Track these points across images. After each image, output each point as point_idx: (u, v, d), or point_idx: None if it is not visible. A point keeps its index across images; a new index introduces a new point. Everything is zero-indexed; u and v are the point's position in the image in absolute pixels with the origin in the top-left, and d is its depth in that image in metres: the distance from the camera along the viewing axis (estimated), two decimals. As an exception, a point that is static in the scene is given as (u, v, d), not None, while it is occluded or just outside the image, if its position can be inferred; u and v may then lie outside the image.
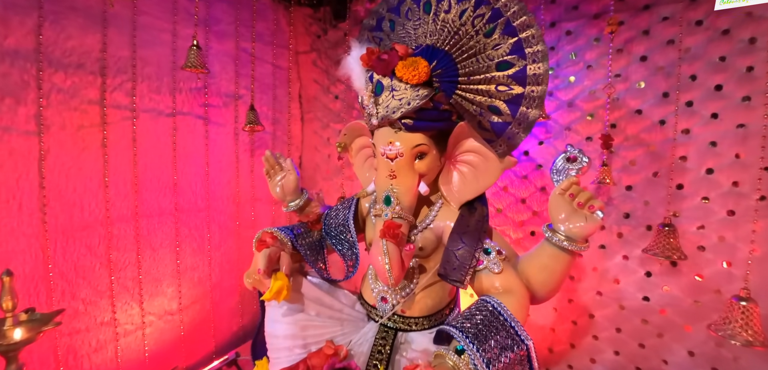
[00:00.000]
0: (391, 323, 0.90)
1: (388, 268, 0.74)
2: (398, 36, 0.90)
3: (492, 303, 0.73)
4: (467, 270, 0.79)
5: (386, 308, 0.89)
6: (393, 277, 0.75)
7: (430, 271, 0.89)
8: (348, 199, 1.04)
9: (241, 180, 2.08)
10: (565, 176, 0.77)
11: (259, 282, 0.84)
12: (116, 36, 1.49)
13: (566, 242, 0.75)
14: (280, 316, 0.89)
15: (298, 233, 0.98)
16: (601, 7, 1.63)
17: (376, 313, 0.92)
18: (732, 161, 1.48)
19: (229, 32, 1.96)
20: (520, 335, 0.70)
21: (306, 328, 0.88)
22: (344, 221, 0.98)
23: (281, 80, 2.30)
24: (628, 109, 1.62)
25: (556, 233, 0.76)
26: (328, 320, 0.91)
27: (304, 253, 0.96)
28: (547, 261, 0.79)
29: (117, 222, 1.53)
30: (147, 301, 1.65)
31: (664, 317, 1.62)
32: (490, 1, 0.81)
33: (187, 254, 1.80)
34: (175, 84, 1.70)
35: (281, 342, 0.88)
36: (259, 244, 0.88)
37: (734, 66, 1.46)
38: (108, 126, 1.47)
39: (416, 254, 0.87)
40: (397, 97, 0.79)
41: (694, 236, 1.54)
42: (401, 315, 0.89)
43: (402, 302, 0.88)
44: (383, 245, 0.75)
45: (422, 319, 0.90)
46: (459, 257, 0.79)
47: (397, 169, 0.82)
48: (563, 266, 0.78)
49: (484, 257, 0.80)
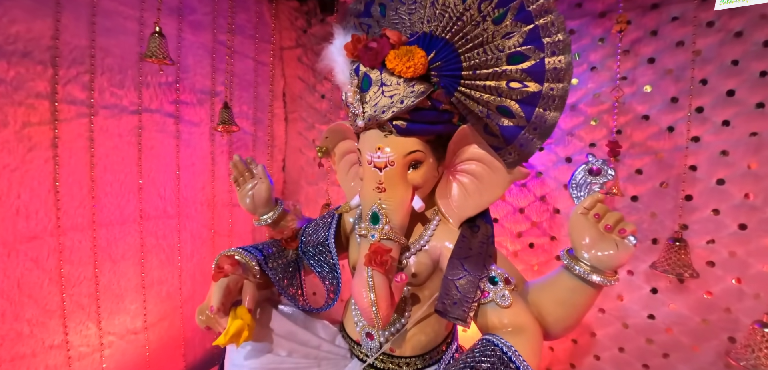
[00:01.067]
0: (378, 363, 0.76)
1: (374, 306, 0.60)
2: (390, 22, 0.75)
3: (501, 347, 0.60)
4: (471, 305, 0.66)
5: (372, 345, 0.75)
6: (380, 317, 0.61)
7: (425, 301, 0.75)
8: (328, 213, 0.89)
9: (218, 184, 1.92)
10: (587, 192, 0.65)
11: (213, 321, 0.69)
12: (71, 22, 1.31)
13: (592, 274, 0.62)
14: (243, 359, 0.74)
15: (268, 252, 0.83)
16: (607, 5, 1.53)
17: (360, 350, 0.78)
18: (744, 172, 1.39)
19: (205, 23, 1.80)
20: (529, 376, 0.57)
21: None
22: (324, 239, 0.83)
23: (263, 77, 2.14)
24: (634, 114, 1.52)
25: (578, 261, 0.63)
26: (303, 359, 0.76)
27: (275, 278, 0.81)
28: (566, 295, 0.66)
29: (70, 232, 1.35)
30: (105, 319, 1.48)
31: (670, 336, 1.52)
32: (503, -18, 0.68)
33: (153, 266, 1.63)
34: (142, 78, 1.53)
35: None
36: (216, 271, 0.73)
37: (748, 70, 1.37)
38: (59, 123, 1.30)
39: (409, 282, 0.73)
40: (387, 94, 0.65)
41: (703, 250, 1.45)
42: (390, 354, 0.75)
43: (391, 340, 0.74)
44: (368, 275, 0.61)
45: (415, 358, 0.76)
46: (461, 289, 0.66)
47: (386, 180, 0.68)
48: (586, 300, 0.65)
49: (490, 288, 0.67)
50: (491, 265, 0.69)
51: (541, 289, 0.71)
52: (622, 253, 0.61)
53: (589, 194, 0.64)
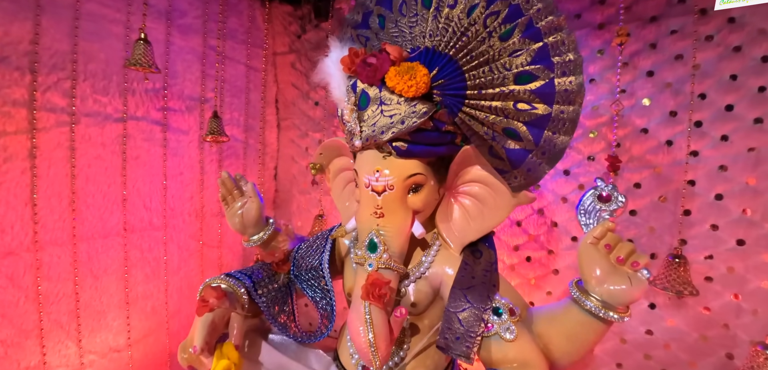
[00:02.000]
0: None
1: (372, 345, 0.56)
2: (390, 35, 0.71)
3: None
4: (474, 339, 0.62)
5: (369, 385, 0.71)
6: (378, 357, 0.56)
7: (425, 332, 0.70)
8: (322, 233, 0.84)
9: (207, 194, 1.85)
10: (597, 219, 0.61)
11: (198, 361, 0.63)
12: (52, 25, 1.25)
13: (603, 310, 0.58)
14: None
15: (257, 278, 0.78)
16: (606, 16, 1.51)
17: (353, 391, 0.73)
18: (743, 187, 1.38)
19: (195, 27, 1.74)
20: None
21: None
22: (318, 263, 0.79)
23: (255, 83, 2.09)
24: (633, 128, 1.50)
25: (588, 296, 0.60)
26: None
27: (266, 306, 0.75)
28: (575, 330, 0.62)
29: (48, 247, 1.28)
30: (86, 338, 1.41)
31: (668, 352, 1.50)
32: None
33: (138, 281, 1.56)
34: (127, 84, 1.47)
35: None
36: (200, 305, 0.68)
37: (746, 85, 1.36)
38: (38, 132, 1.23)
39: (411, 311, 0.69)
40: (387, 114, 0.61)
41: (702, 266, 1.43)
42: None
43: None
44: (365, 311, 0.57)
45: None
46: (464, 322, 0.62)
47: (385, 205, 0.64)
48: (596, 336, 0.62)
49: (494, 320, 0.63)
50: (495, 294, 0.65)
51: (549, 321, 0.67)
52: (635, 288, 0.58)
53: (599, 221, 0.61)
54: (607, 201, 0.62)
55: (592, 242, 0.61)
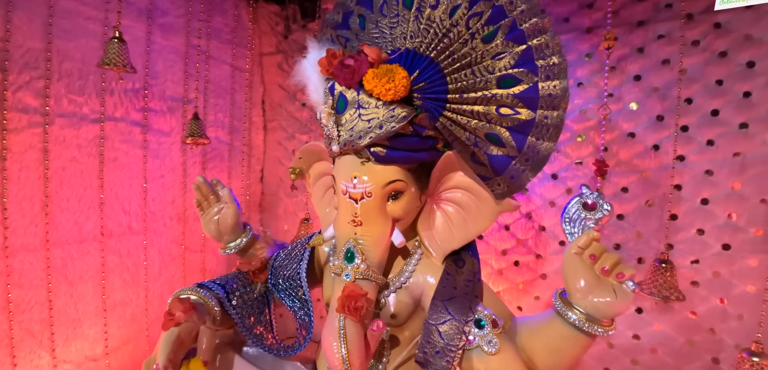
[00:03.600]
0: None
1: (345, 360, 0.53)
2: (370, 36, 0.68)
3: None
4: (455, 353, 0.59)
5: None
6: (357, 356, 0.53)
7: (405, 344, 0.68)
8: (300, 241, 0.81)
9: (189, 197, 1.80)
10: (582, 228, 0.59)
11: None
12: (24, 22, 1.20)
13: (586, 324, 0.57)
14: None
15: (231, 287, 0.74)
16: (594, 20, 1.51)
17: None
18: (728, 192, 1.38)
19: (177, 26, 1.70)
20: None
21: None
22: (297, 272, 0.76)
23: (241, 84, 2.05)
24: (620, 132, 1.50)
25: (572, 308, 0.58)
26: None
27: (239, 318, 0.72)
28: (559, 343, 0.61)
29: (19, 252, 1.23)
30: (60, 347, 1.35)
31: (655, 357, 1.50)
32: (495, 0, 0.62)
33: (115, 287, 1.51)
34: (105, 84, 1.42)
35: None
36: (166, 319, 0.64)
37: (732, 90, 1.37)
38: (8, 134, 1.18)
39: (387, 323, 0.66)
40: (365, 118, 0.58)
41: (688, 270, 1.43)
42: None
43: (368, 390, 0.68)
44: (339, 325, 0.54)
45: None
46: (444, 336, 0.59)
47: (363, 213, 0.61)
48: (580, 349, 0.60)
49: (476, 333, 0.60)
50: (477, 305, 0.63)
51: (532, 334, 0.65)
52: (620, 301, 0.56)
53: (584, 230, 0.59)
54: (592, 209, 0.60)
55: (577, 252, 0.58)
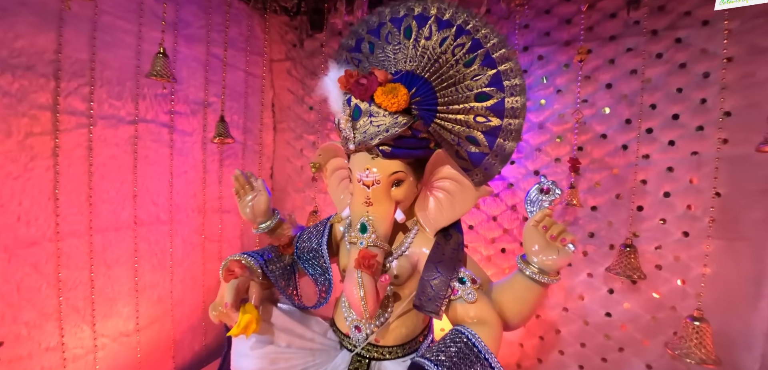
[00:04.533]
0: (364, 352, 0.88)
1: (363, 301, 0.72)
2: (377, 59, 0.88)
3: (466, 334, 0.73)
4: (442, 301, 0.79)
5: (360, 337, 0.87)
6: (368, 310, 0.72)
7: (405, 299, 0.87)
8: (321, 221, 1.01)
9: (208, 191, 1.99)
10: (539, 207, 0.78)
11: (226, 316, 0.79)
12: (73, 36, 1.38)
13: (539, 275, 0.76)
14: (248, 349, 0.85)
15: (268, 257, 0.94)
16: (572, 35, 1.70)
17: (349, 342, 0.89)
18: (687, 186, 1.58)
19: (199, 36, 1.88)
20: (495, 368, 0.70)
21: (276, 361, 0.84)
22: (318, 246, 0.95)
23: (254, 88, 2.23)
24: (594, 134, 1.69)
25: (529, 265, 0.77)
26: (300, 350, 0.88)
27: (275, 280, 0.92)
28: (521, 292, 0.80)
29: (68, 238, 1.41)
30: (99, 322, 1.53)
31: (624, 333, 1.69)
32: (470, 32, 0.82)
33: (146, 271, 1.69)
34: (138, 89, 1.60)
35: (249, 378, 0.84)
36: (226, 273, 0.83)
37: (690, 97, 1.56)
38: (60, 134, 1.36)
39: (391, 283, 0.86)
40: (375, 124, 0.77)
41: (652, 255, 1.63)
42: (375, 344, 0.87)
43: (376, 331, 0.86)
44: (358, 276, 0.73)
45: (396, 347, 0.88)
46: (434, 288, 0.78)
47: (373, 196, 0.80)
48: (536, 297, 0.79)
49: (459, 287, 0.80)
50: (461, 268, 0.82)
51: (501, 289, 0.85)
52: (562, 258, 0.75)
53: (540, 209, 0.78)
54: (547, 193, 0.79)
55: (534, 225, 0.77)
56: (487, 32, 0.82)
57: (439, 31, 0.83)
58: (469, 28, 0.82)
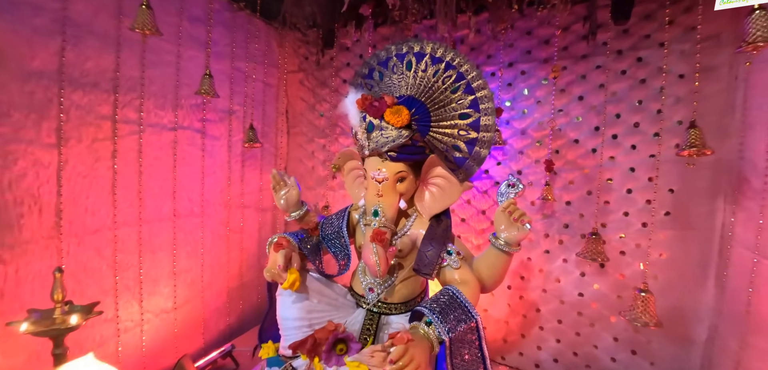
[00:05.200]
0: (375, 309, 1.15)
1: (377, 264, 0.99)
2: (385, 85, 1.15)
3: (452, 290, 0.99)
4: (435, 266, 1.05)
5: (373, 296, 1.14)
6: (381, 271, 0.99)
7: (407, 267, 1.14)
8: (340, 210, 1.28)
9: (233, 188, 2.26)
10: (506, 198, 1.05)
11: (278, 275, 1.05)
12: (128, 57, 1.65)
13: (505, 246, 1.03)
14: (291, 303, 1.12)
15: (301, 238, 1.21)
16: (549, 53, 1.97)
17: (364, 301, 1.16)
18: (646, 184, 1.85)
19: (225, 53, 2.14)
20: (472, 312, 0.96)
21: (311, 312, 1.11)
22: (338, 228, 1.22)
23: (270, 97, 2.50)
24: (568, 139, 1.96)
25: (498, 239, 1.04)
26: (327, 306, 1.15)
27: (308, 253, 1.19)
28: (492, 260, 1.06)
29: (123, 227, 1.67)
30: (146, 300, 1.80)
31: (594, 310, 1.96)
32: (456, 66, 1.09)
33: (182, 257, 1.96)
34: (177, 101, 1.87)
35: (292, 323, 1.11)
36: (276, 246, 1.10)
37: (648, 109, 1.83)
38: (118, 139, 1.63)
39: (396, 255, 1.12)
40: (384, 136, 1.04)
41: (617, 243, 1.90)
42: (384, 302, 1.14)
43: (384, 292, 1.13)
44: (374, 246, 1.00)
45: (400, 305, 1.15)
46: (429, 257, 1.05)
47: (383, 189, 1.07)
48: (504, 263, 1.06)
49: (447, 257, 1.06)
50: (449, 244, 1.09)
51: (479, 259, 1.11)
52: (521, 234, 1.02)
53: (507, 199, 1.05)
54: (513, 187, 1.06)
55: (502, 210, 1.04)
56: (468, 67, 1.09)
57: (433, 65, 1.10)
58: (455, 64, 1.09)
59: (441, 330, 0.92)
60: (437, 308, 0.96)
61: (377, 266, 0.98)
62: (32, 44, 1.35)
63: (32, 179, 1.38)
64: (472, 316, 0.96)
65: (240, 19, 2.21)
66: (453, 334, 0.92)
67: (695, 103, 1.56)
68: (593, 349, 1.97)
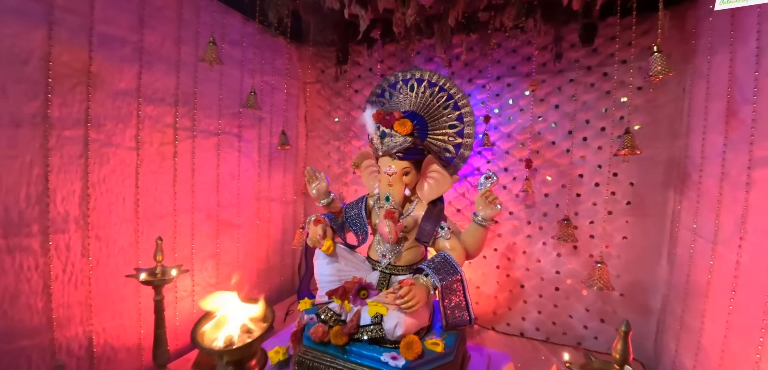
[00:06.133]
0: (387, 270, 1.53)
1: (390, 234, 1.36)
2: (394, 103, 1.53)
3: (443, 254, 1.37)
4: (431, 237, 1.43)
5: (385, 261, 1.53)
6: (392, 238, 1.36)
7: (410, 239, 1.52)
8: (358, 198, 1.67)
9: (262, 185, 2.65)
10: (484, 187, 1.42)
11: (319, 242, 1.44)
12: (185, 77, 2.04)
13: (482, 221, 1.40)
14: (325, 264, 1.50)
15: (330, 218, 1.60)
16: (530, 69, 2.34)
17: (378, 265, 1.55)
18: (610, 178, 2.20)
19: (256, 69, 2.53)
20: (458, 269, 1.32)
21: (340, 270, 1.49)
22: (359, 211, 1.60)
23: (291, 105, 2.88)
24: (546, 141, 2.33)
25: (477, 216, 1.41)
26: (352, 267, 1.53)
27: (336, 229, 1.58)
28: (473, 233, 1.44)
29: (179, 214, 2.07)
30: (196, 275, 2.19)
31: (569, 285, 2.32)
32: (446, 90, 1.47)
33: (223, 241, 2.35)
34: (220, 110, 2.26)
35: (327, 278, 1.49)
36: (315, 222, 1.49)
37: (612, 116, 2.19)
38: (179, 142, 2.02)
39: (402, 230, 1.50)
40: (394, 141, 1.42)
41: (587, 228, 2.26)
42: (393, 265, 1.53)
43: (394, 257, 1.52)
44: (387, 222, 1.37)
45: (405, 267, 1.53)
46: (427, 231, 1.43)
47: (393, 181, 1.44)
48: (482, 234, 1.43)
49: (440, 231, 1.44)
50: (442, 221, 1.46)
51: (464, 233, 1.49)
52: (493, 212, 1.39)
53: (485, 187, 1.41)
54: (489, 179, 1.43)
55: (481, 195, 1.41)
56: (455, 90, 1.47)
57: (429, 89, 1.48)
58: (446, 88, 1.47)
59: (435, 279, 1.30)
60: (432, 265, 1.33)
61: (389, 235, 1.36)
62: (120, 69, 1.75)
63: (119, 175, 1.77)
64: (457, 271, 1.33)
65: (267, 40, 2.60)
66: (444, 283, 1.30)
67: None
68: (569, 318, 2.33)
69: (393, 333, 1.21)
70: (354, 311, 1.32)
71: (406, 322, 1.19)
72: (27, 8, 1.43)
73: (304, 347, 1.35)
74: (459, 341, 1.40)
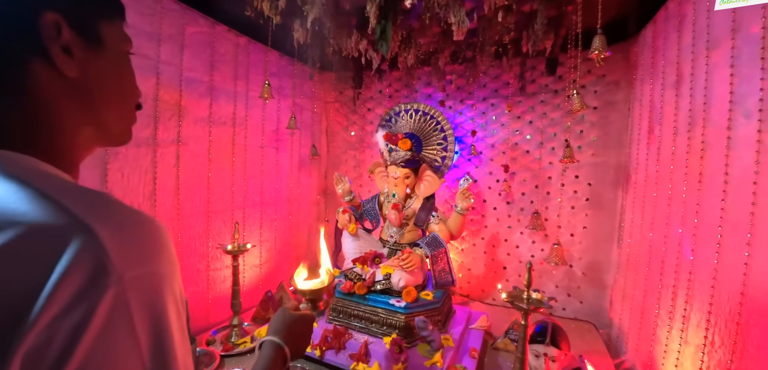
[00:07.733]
0: (394, 247, 2.13)
1: (396, 219, 1.96)
2: (398, 126, 2.14)
3: (434, 234, 1.96)
4: (425, 222, 2.03)
5: (392, 241, 2.13)
6: (397, 223, 1.96)
7: (410, 224, 2.12)
8: (373, 196, 2.28)
9: (292, 187, 3.27)
10: (463, 186, 1.99)
11: (346, 225, 2.04)
12: (240, 106, 2.67)
13: (461, 211, 1.98)
14: (351, 241, 2.11)
15: (353, 209, 2.22)
16: (509, 92, 2.91)
17: (387, 243, 2.15)
18: (573, 180, 2.76)
19: (288, 92, 3.16)
20: (443, 244, 1.90)
21: (361, 246, 2.09)
22: (373, 206, 2.21)
23: (316, 121, 3.50)
24: (522, 150, 2.90)
25: (457, 207, 2.00)
26: (369, 244, 2.12)
27: (357, 217, 2.20)
28: (454, 219, 2.02)
29: (235, 209, 2.69)
30: (248, 256, 2.81)
31: (542, 266, 2.88)
32: (434, 117, 2.07)
33: (265, 231, 2.98)
34: (263, 128, 2.89)
35: (352, 251, 2.09)
36: (343, 211, 2.10)
37: (574, 129, 2.76)
38: (235, 155, 2.65)
39: (404, 217, 2.10)
40: (398, 154, 2.01)
41: (555, 220, 2.82)
42: (398, 243, 2.13)
43: (399, 237, 2.12)
44: (394, 212, 1.97)
45: (406, 244, 2.13)
46: (422, 218, 2.02)
47: (398, 183, 2.04)
48: (461, 221, 2.01)
49: (432, 218, 2.03)
50: (433, 211, 2.05)
51: (449, 220, 2.08)
52: (468, 204, 1.96)
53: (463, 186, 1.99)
54: (466, 180, 2.00)
55: (460, 192, 1.99)
56: (441, 118, 2.07)
57: (423, 116, 2.08)
58: (435, 116, 2.07)
59: (427, 250, 1.89)
60: (425, 242, 1.93)
61: (396, 220, 1.96)
62: (198, 102, 2.38)
63: (196, 179, 2.41)
64: (443, 245, 1.92)
65: (297, 69, 3.23)
66: (433, 252, 1.89)
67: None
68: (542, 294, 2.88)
69: (398, 285, 1.80)
70: (371, 272, 1.92)
71: (406, 277, 1.78)
72: (144, 64, 2.07)
73: (336, 298, 1.95)
74: (445, 297, 1.98)
